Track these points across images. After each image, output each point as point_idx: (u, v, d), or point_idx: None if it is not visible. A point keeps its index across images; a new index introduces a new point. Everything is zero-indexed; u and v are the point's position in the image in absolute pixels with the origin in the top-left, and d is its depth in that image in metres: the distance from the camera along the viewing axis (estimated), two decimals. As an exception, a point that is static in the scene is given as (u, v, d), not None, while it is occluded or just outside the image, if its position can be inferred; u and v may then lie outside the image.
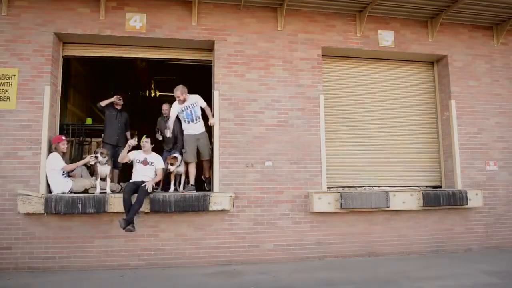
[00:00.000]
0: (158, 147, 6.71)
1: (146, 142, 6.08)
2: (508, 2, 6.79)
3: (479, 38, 7.64)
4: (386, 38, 7.18)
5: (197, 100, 6.41)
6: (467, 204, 6.75)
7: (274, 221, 6.32)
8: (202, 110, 6.42)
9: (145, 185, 5.64)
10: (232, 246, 6.14)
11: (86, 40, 6.51)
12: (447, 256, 6.56)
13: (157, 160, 6.13)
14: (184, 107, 6.34)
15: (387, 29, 7.23)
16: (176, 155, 6.25)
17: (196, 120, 6.36)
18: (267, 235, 6.27)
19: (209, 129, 6.59)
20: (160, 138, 6.93)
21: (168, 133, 6.32)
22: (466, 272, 5.44)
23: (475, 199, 6.82)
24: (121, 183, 6.70)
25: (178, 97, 6.28)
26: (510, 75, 7.64)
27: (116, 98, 6.81)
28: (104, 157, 5.89)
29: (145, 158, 6.04)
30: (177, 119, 6.50)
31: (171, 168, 6.17)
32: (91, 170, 6.45)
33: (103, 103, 6.70)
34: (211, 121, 6.38)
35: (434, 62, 7.74)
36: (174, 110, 6.35)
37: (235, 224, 6.20)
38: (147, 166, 6.00)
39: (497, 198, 7.23)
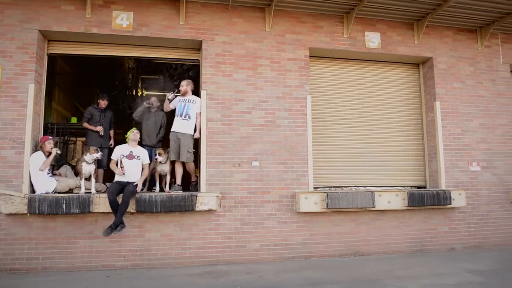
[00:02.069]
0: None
1: (137, 133, 6.05)
2: (491, 7, 6.92)
3: (464, 41, 7.77)
4: (372, 39, 7.25)
5: (196, 100, 6.45)
6: (450, 204, 6.87)
7: (260, 221, 6.33)
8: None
9: (131, 186, 5.59)
10: (218, 246, 6.13)
11: (72, 38, 6.42)
12: (431, 255, 6.65)
13: (143, 154, 6.07)
14: (182, 99, 6.44)
15: (374, 31, 7.30)
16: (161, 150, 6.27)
17: (185, 116, 6.33)
18: (254, 235, 6.27)
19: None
20: (151, 106, 7.06)
21: (169, 103, 6.56)
22: (450, 271, 5.53)
23: (458, 199, 6.94)
24: (106, 183, 6.63)
25: (182, 86, 6.48)
26: (493, 77, 7.80)
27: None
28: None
29: (131, 151, 5.95)
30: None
31: (159, 158, 6.14)
32: (76, 170, 6.36)
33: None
34: (196, 134, 6.35)
35: (420, 64, 7.84)
36: (176, 98, 6.56)
37: (221, 224, 6.19)
38: (133, 160, 5.91)
39: (480, 198, 7.37)
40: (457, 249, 7.10)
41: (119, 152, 5.93)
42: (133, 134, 6.02)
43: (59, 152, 5.98)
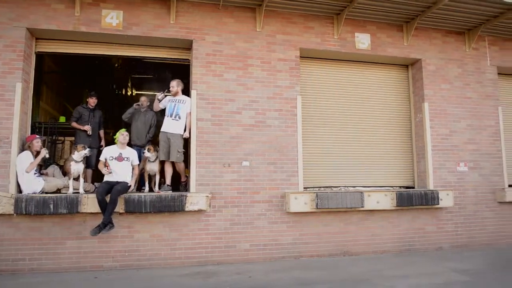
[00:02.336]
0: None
1: (127, 135, 5.99)
2: (479, 10, 7.02)
3: (452, 43, 7.87)
4: (362, 41, 7.30)
5: (186, 100, 6.44)
6: (438, 204, 6.95)
7: (250, 221, 6.33)
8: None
9: (119, 185, 5.54)
10: (208, 246, 6.12)
11: (60, 36, 6.36)
12: (419, 255, 6.73)
13: (133, 155, 6.02)
14: (172, 99, 6.42)
15: (364, 32, 7.35)
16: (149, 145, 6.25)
17: (175, 116, 6.31)
18: (244, 235, 6.27)
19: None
20: (141, 107, 7.03)
21: (159, 103, 6.54)
22: (438, 271, 5.59)
23: (446, 199, 7.03)
24: (95, 183, 6.57)
25: (173, 87, 6.45)
26: (480, 79, 7.91)
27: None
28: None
29: (120, 153, 5.89)
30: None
31: (146, 153, 6.11)
32: (64, 170, 6.30)
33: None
34: (186, 134, 6.33)
35: (409, 65, 7.92)
36: (166, 98, 6.52)
37: (211, 224, 6.18)
38: (122, 162, 5.85)
39: (467, 198, 7.47)
40: (445, 249, 7.18)
41: (107, 153, 5.88)
42: (122, 137, 5.92)
43: (47, 156, 5.89)
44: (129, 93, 12.17)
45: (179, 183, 6.72)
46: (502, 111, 7.99)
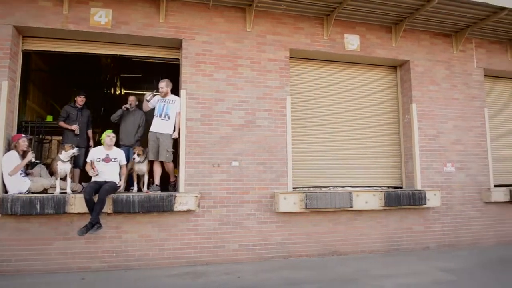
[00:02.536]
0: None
1: (113, 137, 5.93)
2: (465, 12, 7.12)
3: (440, 45, 7.97)
4: (352, 42, 7.35)
5: (175, 100, 6.41)
6: (425, 204, 7.03)
7: (240, 221, 6.33)
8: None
9: (107, 185, 5.49)
10: (197, 246, 6.09)
11: (48, 34, 6.27)
12: (406, 254, 6.80)
13: (120, 156, 5.98)
14: (161, 99, 6.38)
15: (353, 33, 7.40)
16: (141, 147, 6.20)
17: (164, 117, 6.28)
18: (233, 235, 6.27)
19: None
20: (128, 107, 6.96)
21: (147, 106, 6.49)
22: (425, 270, 5.66)
23: (433, 199, 7.11)
24: (82, 183, 6.50)
25: (162, 88, 6.37)
26: (467, 81, 8.02)
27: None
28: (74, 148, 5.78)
29: (107, 154, 5.85)
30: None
31: (137, 158, 6.08)
32: (51, 170, 6.22)
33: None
34: (175, 134, 6.30)
35: (397, 66, 8.00)
36: (155, 98, 6.45)
37: (200, 224, 6.16)
38: (110, 163, 5.81)
39: (454, 198, 7.57)
40: (432, 248, 7.27)
41: (94, 155, 5.83)
42: (109, 138, 5.86)
43: (33, 160, 5.79)
44: (118, 92, 12.05)
45: (168, 183, 6.69)
46: (488, 112, 8.12)
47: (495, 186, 7.94)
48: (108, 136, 5.89)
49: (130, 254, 5.83)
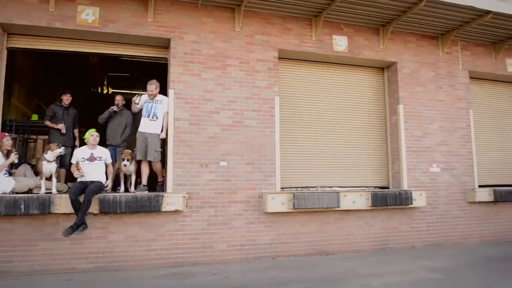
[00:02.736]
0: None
1: (97, 136, 5.87)
2: (451, 15, 7.23)
3: (426, 47, 8.08)
4: (340, 43, 7.40)
5: (163, 100, 6.38)
6: (412, 204, 7.12)
7: (227, 222, 6.32)
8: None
9: (92, 185, 5.43)
10: (184, 247, 6.07)
11: (34, 32, 6.18)
12: (393, 254, 6.88)
13: (105, 154, 5.93)
14: (149, 100, 6.35)
15: (341, 35, 7.45)
16: (129, 150, 6.14)
17: (153, 117, 6.25)
18: (221, 235, 6.26)
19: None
20: (115, 109, 6.88)
21: (136, 108, 6.46)
22: (410, 269, 5.72)
23: (419, 199, 7.20)
24: (68, 183, 6.42)
25: (152, 91, 6.30)
26: (452, 82, 8.15)
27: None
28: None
29: (91, 153, 5.79)
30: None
31: (127, 163, 6.03)
32: (36, 169, 6.12)
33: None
34: (163, 134, 6.27)
35: (385, 68, 8.08)
36: (143, 99, 6.40)
37: (188, 224, 6.13)
38: (94, 162, 5.75)
39: (439, 198, 7.68)
40: (418, 247, 7.36)
41: (79, 155, 5.77)
42: (92, 138, 5.82)
43: (16, 161, 5.69)
44: (105, 92, 11.93)
45: (156, 183, 6.65)
46: (473, 114, 8.26)
47: (480, 186, 8.09)
48: (91, 135, 5.84)
49: (117, 255, 5.78)
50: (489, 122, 8.78)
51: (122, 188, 6.26)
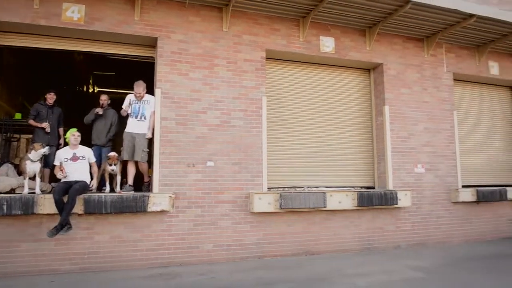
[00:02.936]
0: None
1: (78, 136, 5.80)
2: (436, 18, 7.34)
3: (412, 49, 8.18)
4: (327, 44, 7.45)
5: (150, 100, 6.34)
6: (397, 204, 7.21)
7: (214, 222, 6.31)
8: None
9: (77, 184, 5.36)
10: (171, 247, 6.03)
11: (17, 29, 6.07)
12: (378, 253, 6.95)
13: (88, 153, 5.86)
14: (136, 101, 6.29)
15: (328, 36, 7.50)
16: (113, 154, 6.07)
17: (141, 117, 6.22)
18: (207, 235, 6.24)
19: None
20: (99, 112, 6.79)
21: (125, 113, 6.35)
22: (395, 268, 5.79)
23: (404, 199, 7.30)
24: (52, 183, 6.33)
25: (140, 93, 6.25)
26: (437, 84, 8.27)
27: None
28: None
29: (74, 153, 5.72)
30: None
31: (114, 168, 5.98)
32: (19, 169, 6.02)
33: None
34: (149, 134, 6.23)
35: (371, 69, 8.16)
36: (127, 100, 6.34)
37: (174, 225, 6.10)
38: (78, 161, 5.68)
39: (424, 198, 7.79)
40: (403, 247, 7.46)
41: (61, 156, 5.70)
42: (73, 138, 5.75)
43: None
44: (91, 90, 11.79)
45: (142, 183, 6.60)
46: (457, 115, 8.40)
47: (463, 186, 8.23)
48: (72, 135, 5.77)
49: (102, 255, 5.71)
50: (472, 124, 8.95)
51: (107, 188, 6.20)
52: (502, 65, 9.04)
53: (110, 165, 6.03)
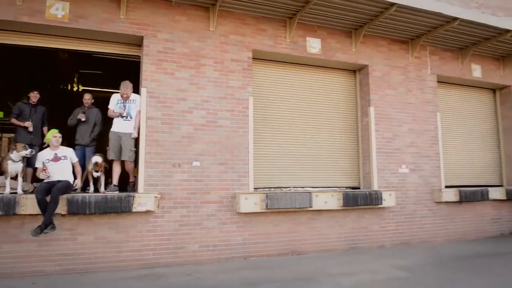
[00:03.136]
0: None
1: (60, 137, 5.72)
2: (420, 21, 7.45)
3: (397, 51, 8.29)
4: (313, 45, 7.49)
5: (136, 99, 6.28)
6: (381, 204, 7.29)
7: (200, 222, 6.28)
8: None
9: (59, 184, 5.28)
10: (156, 248, 5.98)
11: (0, 26, 5.94)
12: (363, 253, 7.02)
13: (70, 153, 5.79)
14: (121, 101, 6.23)
15: (315, 37, 7.54)
16: (99, 159, 5.98)
17: (127, 117, 6.16)
18: (193, 236, 6.21)
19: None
20: (82, 118, 6.65)
21: (121, 113, 6.20)
22: (380, 268, 5.86)
23: (389, 199, 7.39)
24: (34, 183, 6.21)
25: (126, 93, 6.18)
26: (421, 86, 8.40)
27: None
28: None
29: (55, 154, 5.64)
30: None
31: (99, 174, 5.91)
32: (0, 169, 5.89)
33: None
34: (134, 133, 6.17)
35: (356, 71, 8.24)
36: (113, 100, 6.26)
37: (160, 225, 6.05)
38: (59, 161, 5.61)
39: (408, 198, 7.90)
40: (387, 247, 7.55)
41: (43, 157, 5.61)
42: (55, 139, 5.67)
43: None
44: (75, 89, 11.61)
45: (127, 183, 6.53)
46: (440, 116, 8.54)
47: (446, 187, 8.37)
48: (54, 136, 5.68)
49: (86, 256, 5.63)
50: (455, 125, 9.11)
51: (91, 188, 6.11)
52: (485, 67, 9.23)
53: (97, 171, 5.96)
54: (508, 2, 9.33)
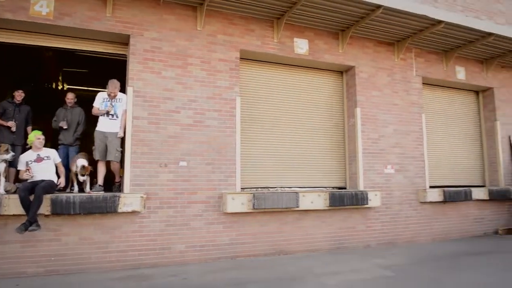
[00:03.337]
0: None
1: (43, 139, 5.66)
2: (405, 23, 7.56)
3: (383, 53, 8.38)
4: (301, 46, 7.52)
5: (122, 98, 6.22)
6: (367, 204, 7.36)
7: (187, 222, 6.25)
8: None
9: (43, 183, 5.20)
10: (142, 249, 5.93)
11: (-19, 23, 5.84)
12: (349, 253, 7.07)
13: (52, 154, 5.72)
14: (107, 99, 6.16)
15: (302, 38, 7.57)
16: (86, 163, 5.90)
17: (113, 116, 6.10)
18: (180, 236, 6.18)
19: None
20: (64, 126, 6.57)
21: (108, 110, 6.11)
22: (365, 267, 5.92)
23: (374, 199, 7.46)
24: (16, 183, 6.10)
25: (114, 93, 6.12)
26: (406, 87, 8.51)
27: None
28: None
29: (38, 155, 5.57)
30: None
31: (85, 178, 5.84)
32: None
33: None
34: (120, 133, 6.11)
35: (343, 72, 8.30)
36: (99, 98, 6.18)
37: (146, 226, 6.00)
38: (42, 162, 5.53)
39: (393, 198, 7.99)
40: (372, 246, 7.62)
41: (26, 159, 5.54)
42: (38, 141, 5.61)
43: None
44: (60, 87, 11.43)
45: (113, 183, 6.46)
46: (425, 118, 8.66)
47: (430, 187, 8.50)
48: (38, 138, 5.61)
49: (71, 257, 5.55)
50: (439, 126, 9.27)
51: (76, 188, 6.03)
52: (469, 70, 9.40)
53: (83, 175, 5.88)
54: (491, 6, 9.52)
